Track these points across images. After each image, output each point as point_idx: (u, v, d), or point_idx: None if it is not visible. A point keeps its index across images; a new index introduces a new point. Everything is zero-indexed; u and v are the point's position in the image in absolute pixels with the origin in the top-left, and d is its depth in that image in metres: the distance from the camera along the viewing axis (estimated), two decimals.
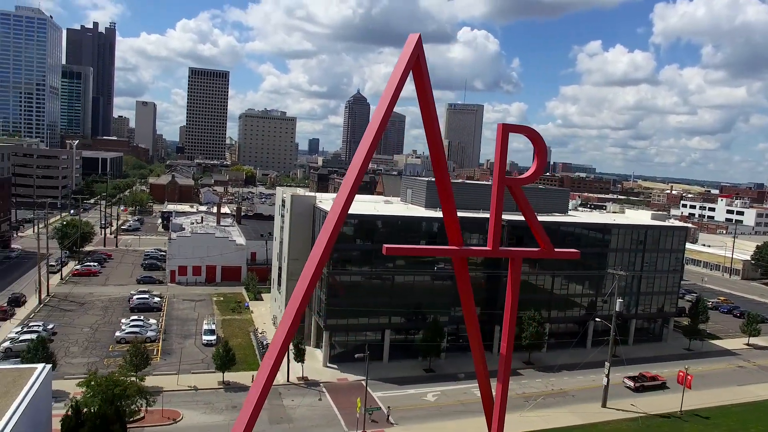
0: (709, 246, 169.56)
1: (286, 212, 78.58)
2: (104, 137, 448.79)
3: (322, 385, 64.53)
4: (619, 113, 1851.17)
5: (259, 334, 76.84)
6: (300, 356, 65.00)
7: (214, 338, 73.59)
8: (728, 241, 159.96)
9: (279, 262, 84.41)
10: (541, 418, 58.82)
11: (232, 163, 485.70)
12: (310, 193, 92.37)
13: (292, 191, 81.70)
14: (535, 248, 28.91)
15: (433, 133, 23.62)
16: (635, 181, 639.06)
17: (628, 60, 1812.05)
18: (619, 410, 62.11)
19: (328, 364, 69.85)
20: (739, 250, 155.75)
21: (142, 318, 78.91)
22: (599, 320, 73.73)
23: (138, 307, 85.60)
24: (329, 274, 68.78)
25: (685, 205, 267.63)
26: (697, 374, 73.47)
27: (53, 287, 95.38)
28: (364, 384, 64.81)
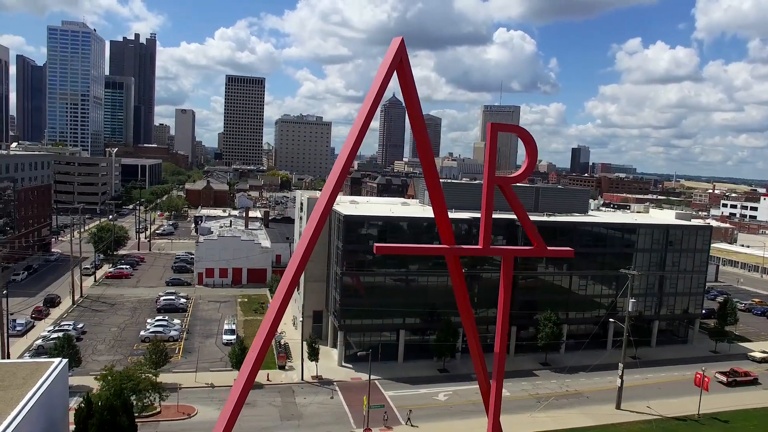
0: (748, 246, 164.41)
1: (303, 214, 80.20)
2: (145, 145, 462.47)
3: (335, 383, 65.68)
4: (660, 112, 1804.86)
5: (280, 334, 78.54)
6: (314, 355, 66.37)
7: (233, 338, 75.55)
8: None
9: None
10: (551, 419, 58.60)
11: (269, 168, 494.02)
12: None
13: (310, 194, 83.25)
14: (529, 247, 28.86)
15: (420, 132, 24.21)
16: (677, 181, 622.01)
17: (669, 57, 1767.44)
18: (633, 412, 61.30)
19: (343, 364, 70.98)
20: None
21: (167, 318, 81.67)
22: (613, 321, 72.72)
23: (164, 308, 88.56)
24: (343, 275, 69.97)
25: (725, 205, 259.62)
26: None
27: (87, 289, 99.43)
28: (377, 383, 65.91)
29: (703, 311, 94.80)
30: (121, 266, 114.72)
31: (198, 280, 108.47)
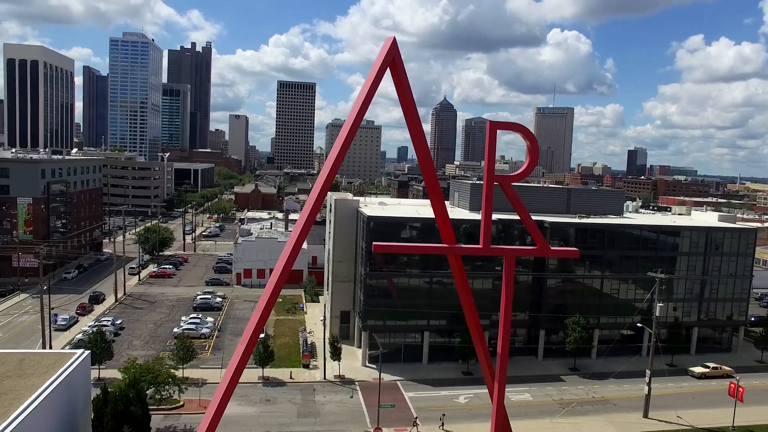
0: None
1: (332, 216, 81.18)
2: (199, 150, 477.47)
3: (356, 383, 66.12)
4: (725, 111, 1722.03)
5: (307, 334, 79.74)
6: (336, 355, 67.03)
7: (262, 336, 77.07)
8: None
9: (328, 265, 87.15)
10: (573, 425, 57.18)
11: (319, 172, 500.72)
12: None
13: (338, 195, 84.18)
14: (532, 247, 28.28)
15: (417, 130, 24.23)
16: (742, 184, 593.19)
17: (734, 53, 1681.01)
18: (662, 421, 59.07)
19: (367, 364, 71.34)
20: None
21: (200, 316, 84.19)
22: (641, 325, 70.27)
23: (200, 307, 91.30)
24: (367, 276, 70.43)
25: None
26: (763, 388, 68.56)
27: (130, 287, 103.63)
28: (398, 384, 66.04)
29: (752, 318, 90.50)
30: (165, 266, 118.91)
31: (236, 281, 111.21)
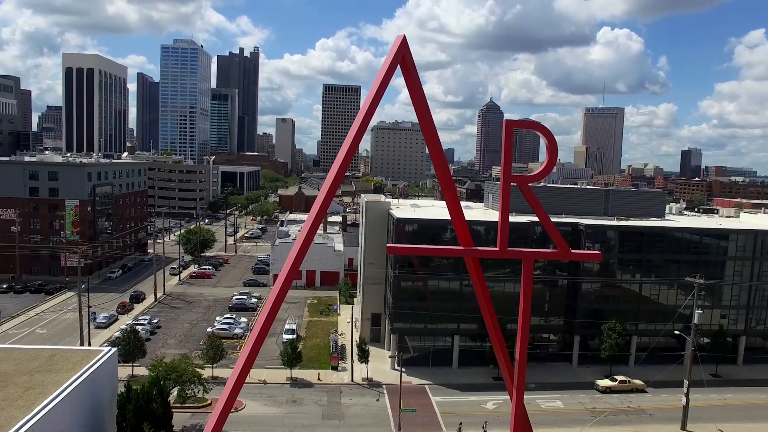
0: None
1: (364, 218, 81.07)
2: (247, 153, 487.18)
3: (384, 386, 65.65)
4: None
5: (337, 336, 79.78)
6: (364, 357, 66.70)
7: (293, 337, 77.53)
8: None
9: (360, 267, 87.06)
10: None
11: (363, 175, 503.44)
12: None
13: (370, 197, 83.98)
14: (552, 249, 27.20)
15: (429, 127, 23.73)
16: None
17: None
18: None
19: (396, 367, 70.68)
20: None
21: (234, 316, 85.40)
22: (678, 333, 67.17)
23: (235, 307, 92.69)
24: (395, 278, 69.88)
25: None
26: None
27: (170, 287, 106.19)
28: (426, 388, 65.25)
29: None
30: (204, 267, 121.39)
31: (273, 281, 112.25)
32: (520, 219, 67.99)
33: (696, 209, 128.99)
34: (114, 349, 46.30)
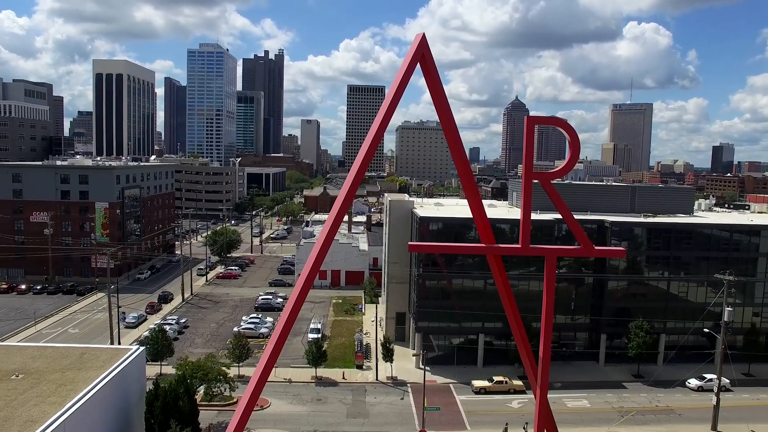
0: None
1: (388, 217, 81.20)
2: (272, 154, 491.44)
3: (408, 385, 65.73)
4: None
5: (362, 335, 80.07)
6: (388, 356, 66.84)
7: (318, 336, 78.09)
8: None
9: (384, 266, 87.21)
10: None
11: (388, 175, 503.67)
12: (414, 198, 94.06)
13: (394, 196, 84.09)
14: (575, 246, 26.96)
15: (449, 126, 23.77)
16: None
17: None
18: None
19: (420, 366, 70.64)
20: None
21: (260, 316, 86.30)
22: (708, 330, 65.75)
23: (261, 307, 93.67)
24: (419, 276, 69.86)
25: None
26: None
27: (197, 288, 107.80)
28: (451, 387, 65.12)
29: None
30: (231, 268, 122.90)
31: None
32: (545, 216, 67.39)
33: (726, 205, 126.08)
34: (142, 348, 47.29)
